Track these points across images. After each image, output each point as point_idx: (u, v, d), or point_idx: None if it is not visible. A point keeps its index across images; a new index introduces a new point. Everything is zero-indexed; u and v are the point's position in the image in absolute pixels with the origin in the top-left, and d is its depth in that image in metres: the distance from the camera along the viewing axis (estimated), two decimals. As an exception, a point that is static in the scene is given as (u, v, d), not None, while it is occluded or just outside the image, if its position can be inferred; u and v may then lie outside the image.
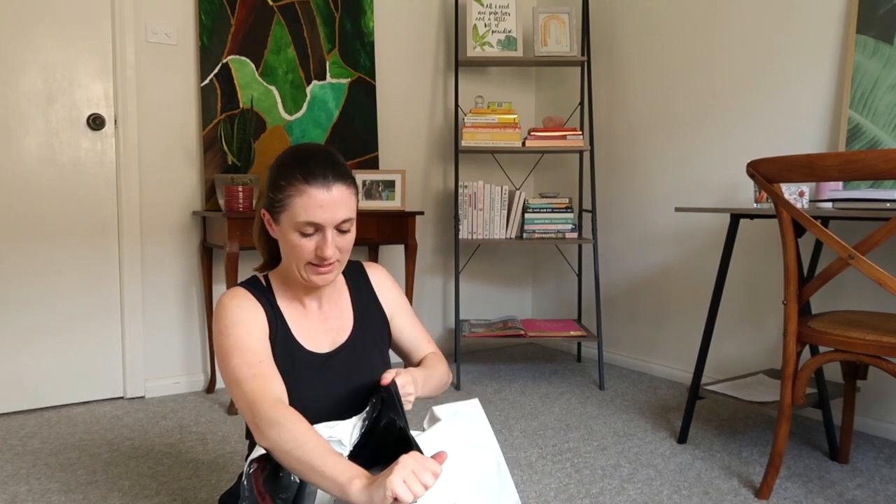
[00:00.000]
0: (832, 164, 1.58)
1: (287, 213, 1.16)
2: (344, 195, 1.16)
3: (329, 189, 1.14)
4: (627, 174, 3.25)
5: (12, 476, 1.96)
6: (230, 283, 2.50)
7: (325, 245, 1.16)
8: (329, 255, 1.16)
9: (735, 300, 2.79)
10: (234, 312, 1.19)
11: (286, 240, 1.18)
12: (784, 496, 1.85)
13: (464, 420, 1.18)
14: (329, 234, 1.16)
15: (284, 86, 2.96)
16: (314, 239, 1.16)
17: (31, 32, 2.50)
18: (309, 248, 1.17)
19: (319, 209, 1.14)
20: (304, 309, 1.28)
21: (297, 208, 1.14)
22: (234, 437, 2.29)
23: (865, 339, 1.65)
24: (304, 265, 1.19)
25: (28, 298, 2.55)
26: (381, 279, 1.44)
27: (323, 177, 1.15)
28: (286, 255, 1.21)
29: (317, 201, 1.14)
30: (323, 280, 1.20)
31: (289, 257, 1.20)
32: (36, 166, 2.54)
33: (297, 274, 1.20)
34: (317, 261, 1.18)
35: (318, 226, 1.15)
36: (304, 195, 1.14)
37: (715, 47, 2.83)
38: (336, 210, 1.15)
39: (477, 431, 1.17)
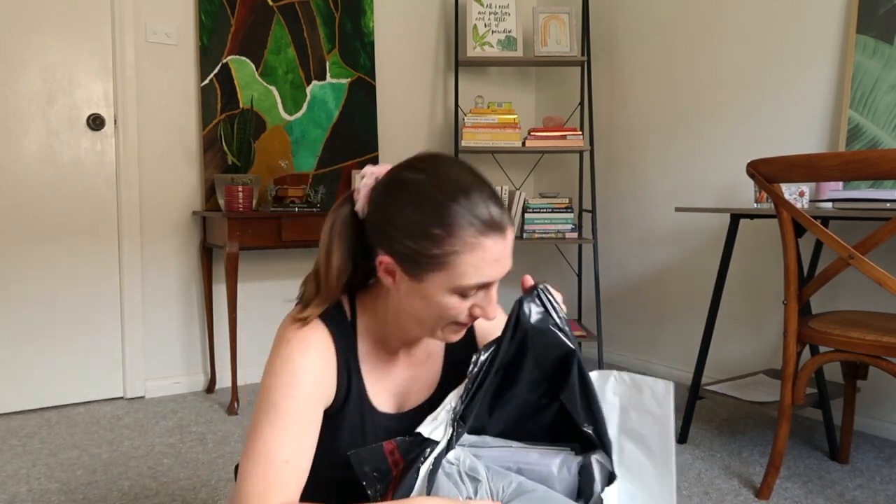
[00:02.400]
0: (832, 164, 1.58)
1: (443, 274, 0.85)
2: (512, 238, 0.89)
3: (505, 237, 0.86)
4: (627, 174, 3.25)
5: (12, 476, 1.96)
6: (230, 283, 2.50)
7: (488, 303, 0.89)
8: (492, 315, 0.90)
9: (735, 300, 2.79)
10: (295, 376, 0.90)
11: (430, 302, 0.88)
12: (784, 496, 1.85)
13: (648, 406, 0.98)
14: (494, 291, 0.89)
15: (284, 86, 2.96)
16: (473, 299, 0.88)
17: (31, 32, 2.50)
18: (463, 309, 0.88)
19: (495, 265, 0.85)
20: (389, 359, 1.01)
21: (464, 267, 0.84)
22: (234, 437, 2.29)
23: (865, 339, 1.65)
24: (444, 325, 0.91)
25: (28, 298, 2.55)
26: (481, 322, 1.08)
27: (500, 220, 0.85)
28: (415, 315, 0.91)
29: (493, 255, 0.85)
30: (458, 337, 0.94)
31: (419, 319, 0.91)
32: (36, 166, 2.54)
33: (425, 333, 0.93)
34: (468, 320, 0.91)
35: (488, 284, 0.87)
36: (477, 251, 0.84)
37: (715, 47, 2.83)
38: (509, 259, 0.88)
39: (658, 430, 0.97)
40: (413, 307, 0.90)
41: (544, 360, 0.92)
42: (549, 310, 0.91)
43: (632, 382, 1.00)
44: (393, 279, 0.90)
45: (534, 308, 0.91)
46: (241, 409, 2.61)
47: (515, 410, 0.96)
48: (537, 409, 0.96)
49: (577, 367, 0.91)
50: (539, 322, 0.90)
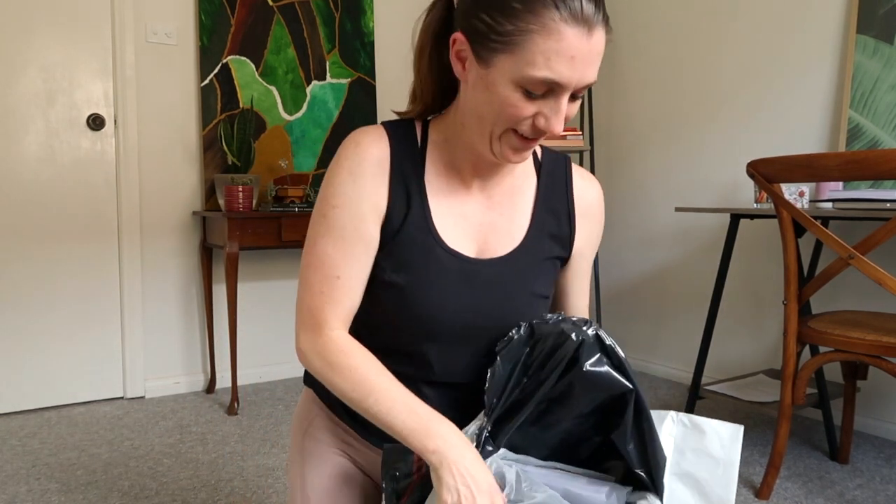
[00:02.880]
0: (832, 164, 1.58)
1: (513, 56, 0.75)
2: (602, 46, 0.77)
3: (591, 36, 0.75)
4: (627, 174, 3.25)
5: (12, 476, 1.96)
6: (230, 283, 2.50)
7: (555, 114, 0.78)
8: (557, 129, 0.79)
9: (735, 300, 2.79)
10: (346, 183, 0.85)
11: (493, 94, 0.78)
12: (784, 496, 1.85)
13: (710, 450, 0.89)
14: (565, 100, 0.78)
15: (284, 86, 2.96)
16: (538, 103, 0.78)
17: (31, 32, 2.50)
18: (526, 113, 0.78)
19: (570, 63, 0.75)
20: (463, 188, 0.90)
21: (534, 53, 0.74)
22: (234, 437, 2.29)
23: (865, 339, 1.65)
24: (503, 132, 0.81)
25: (28, 298, 2.55)
26: (590, 190, 0.98)
27: (591, 15, 0.74)
28: (477, 111, 0.82)
29: (571, 50, 0.74)
30: (520, 158, 0.84)
31: (480, 116, 0.81)
32: (36, 166, 2.54)
33: (484, 141, 0.83)
34: (530, 133, 0.80)
35: (558, 86, 0.76)
36: (553, 36, 0.73)
37: (715, 48, 2.83)
38: (589, 66, 0.76)
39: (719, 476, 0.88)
40: (476, 101, 0.81)
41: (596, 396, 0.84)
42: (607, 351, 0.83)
43: (691, 424, 0.92)
44: (463, 66, 0.82)
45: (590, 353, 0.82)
46: (241, 409, 2.61)
47: (558, 436, 0.88)
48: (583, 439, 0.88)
49: (633, 407, 0.83)
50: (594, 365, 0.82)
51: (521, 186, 0.93)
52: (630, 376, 0.82)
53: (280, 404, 2.66)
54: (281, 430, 2.36)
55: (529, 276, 0.91)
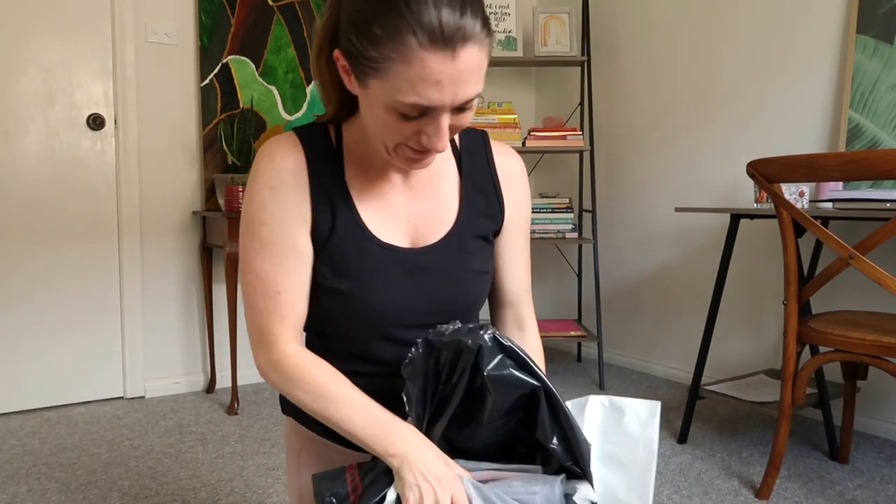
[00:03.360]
0: (832, 164, 1.58)
1: (381, 83, 0.73)
2: (475, 61, 0.73)
3: (456, 57, 0.71)
4: (627, 174, 3.25)
5: (12, 476, 1.96)
6: (230, 283, 2.50)
7: (436, 133, 0.76)
8: (440, 148, 0.77)
9: (735, 300, 2.79)
10: (267, 199, 0.84)
11: (374, 114, 0.77)
12: (784, 496, 1.85)
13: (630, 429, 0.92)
14: (444, 120, 0.75)
15: (284, 86, 2.96)
16: (417, 122, 0.76)
17: (31, 32, 2.50)
18: (407, 133, 0.77)
19: (437, 87, 0.71)
20: (385, 182, 0.89)
21: (398, 81, 0.72)
22: (234, 437, 2.29)
23: (865, 339, 1.65)
24: (395, 145, 0.79)
25: (28, 298, 2.55)
26: (511, 160, 0.97)
27: (452, 35, 0.70)
28: (367, 124, 0.81)
29: (435, 76, 0.71)
30: (421, 166, 0.82)
31: (371, 130, 0.80)
32: (36, 166, 2.54)
33: (382, 151, 0.82)
34: (416, 147, 0.79)
35: (430, 109, 0.74)
36: (415, 65, 0.70)
37: (715, 47, 2.83)
38: (461, 86, 0.73)
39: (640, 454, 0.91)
40: (365, 116, 0.80)
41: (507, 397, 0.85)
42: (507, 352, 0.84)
43: (611, 406, 0.94)
44: (349, 79, 0.79)
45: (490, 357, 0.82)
46: (241, 409, 2.61)
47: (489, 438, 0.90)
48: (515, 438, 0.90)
49: (545, 403, 0.84)
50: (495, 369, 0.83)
51: (441, 171, 0.92)
52: (535, 373, 0.83)
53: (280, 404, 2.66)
54: (281, 430, 2.36)
55: (466, 255, 0.91)
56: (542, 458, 0.90)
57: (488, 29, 0.74)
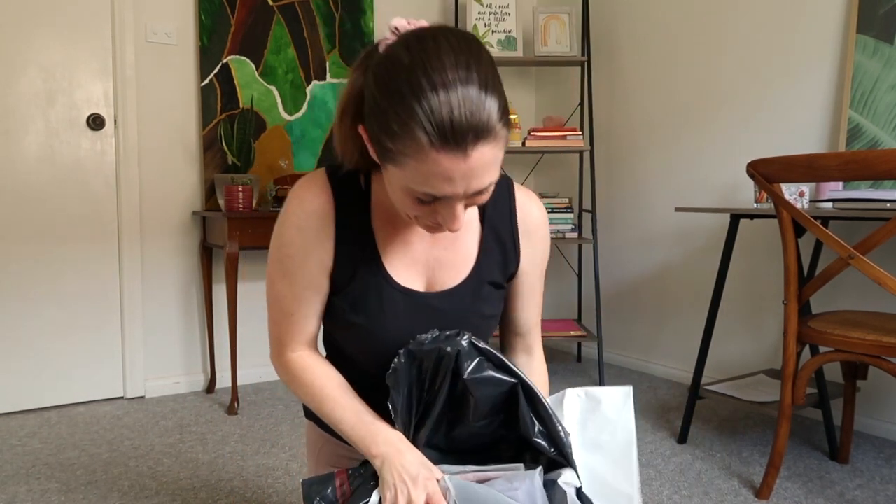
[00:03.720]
0: (832, 164, 1.58)
1: (398, 171, 0.78)
2: (489, 157, 0.76)
3: (468, 156, 0.74)
4: (627, 174, 3.25)
5: (12, 476, 1.96)
6: (230, 283, 2.50)
7: (450, 218, 0.80)
8: (454, 229, 0.81)
9: (735, 300, 2.79)
10: (294, 237, 0.91)
11: (392, 191, 0.83)
12: (784, 496, 1.85)
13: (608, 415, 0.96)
14: (458, 207, 0.80)
15: (284, 86, 2.96)
16: (433, 205, 0.81)
17: (31, 32, 2.50)
18: (422, 213, 0.82)
19: (449, 182, 0.76)
20: (408, 230, 0.95)
21: (413, 173, 0.76)
22: (234, 437, 2.29)
23: (865, 339, 1.65)
24: (414, 217, 0.84)
25: (28, 298, 2.55)
26: (532, 211, 1.01)
27: (462, 136, 0.73)
28: (390, 195, 0.85)
29: (446, 173, 0.75)
30: (434, 232, 0.87)
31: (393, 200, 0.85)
32: (36, 166, 2.54)
33: (405, 217, 0.86)
34: (432, 224, 0.84)
35: (444, 198, 0.79)
36: (428, 162, 0.74)
37: (715, 47, 2.83)
38: (472, 179, 0.76)
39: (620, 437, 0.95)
40: (386, 186, 0.85)
41: (489, 397, 0.89)
42: (485, 354, 0.89)
43: (587, 396, 0.99)
44: (372, 150, 0.83)
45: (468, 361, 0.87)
46: (241, 409, 2.61)
47: (474, 440, 0.95)
48: (500, 439, 0.95)
49: (524, 397, 0.88)
50: (474, 371, 0.87)
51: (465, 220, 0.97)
52: (512, 371, 0.89)
53: (280, 404, 2.66)
54: (281, 430, 2.36)
55: (479, 301, 0.98)
56: (530, 457, 0.93)
57: (506, 119, 0.77)
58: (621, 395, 0.97)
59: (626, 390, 0.97)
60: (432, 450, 0.94)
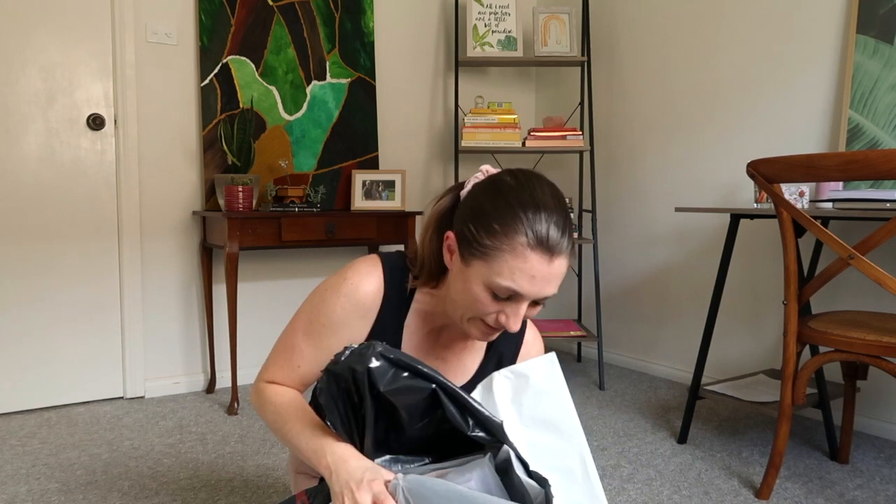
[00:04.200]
0: (832, 164, 1.58)
1: (486, 264, 0.92)
2: (563, 270, 0.94)
3: (552, 262, 0.91)
4: (627, 174, 3.25)
5: (12, 476, 1.96)
6: (230, 283, 2.50)
7: (514, 316, 0.95)
8: (513, 328, 0.95)
9: (735, 300, 2.79)
10: (337, 312, 1.03)
11: (467, 288, 0.95)
12: (784, 496, 1.85)
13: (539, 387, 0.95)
14: (524, 307, 0.95)
15: (284, 86, 2.96)
16: (502, 303, 0.95)
17: (31, 32, 2.50)
18: (490, 310, 0.95)
19: (531, 280, 0.91)
20: (429, 337, 1.11)
21: (502, 267, 0.91)
22: (234, 437, 2.29)
23: (865, 339, 1.65)
24: (471, 317, 0.98)
25: (28, 298, 2.55)
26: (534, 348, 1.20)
27: (553, 246, 0.91)
28: (455, 295, 0.99)
29: (532, 271, 0.91)
30: (485, 339, 1.00)
31: (456, 300, 0.99)
32: (36, 166, 2.54)
33: (457, 318, 1.00)
34: (494, 324, 0.97)
35: (519, 295, 0.93)
36: (519, 258, 0.90)
37: (715, 47, 2.83)
38: (548, 284, 0.93)
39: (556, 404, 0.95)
40: (456, 288, 0.98)
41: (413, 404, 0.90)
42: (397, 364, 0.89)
43: (514, 374, 0.99)
44: (451, 257, 0.99)
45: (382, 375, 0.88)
46: (241, 409, 2.61)
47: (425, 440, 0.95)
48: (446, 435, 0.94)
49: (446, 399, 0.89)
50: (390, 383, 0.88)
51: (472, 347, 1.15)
52: (428, 375, 0.89)
53: (280, 404, 2.66)
54: (281, 430, 2.35)
55: None
56: None
57: (573, 246, 0.96)
58: (547, 364, 0.97)
59: (550, 357, 0.97)
60: (393, 453, 0.95)
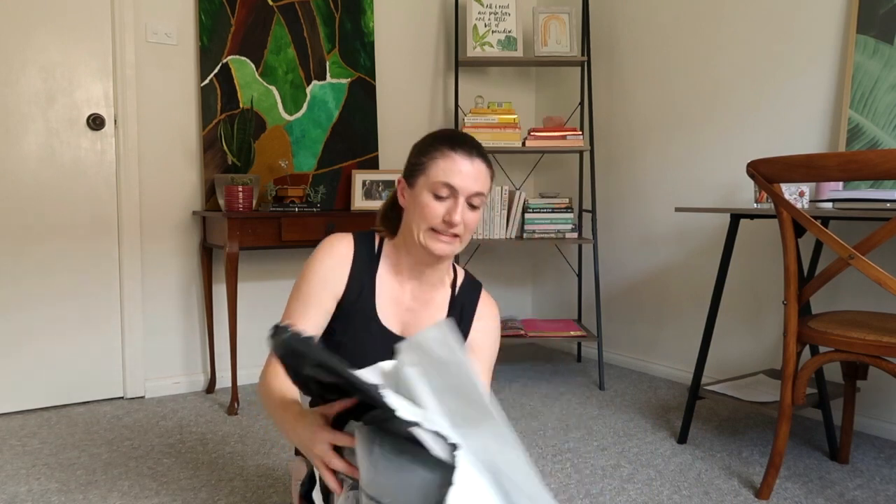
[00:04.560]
0: (832, 164, 1.58)
1: (425, 175, 1.21)
2: (483, 172, 1.22)
3: (472, 160, 1.21)
4: (627, 174, 3.25)
5: (12, 476, 1.96)
6: (230, 283, 2.50)
7: (454, 210, 1.19)
8: (456, 222, 1.19)
9: (735, 300, 2.79)
10: (319, 267, 1.25)
11: (417, 202, 1.22)
12: (784, 496, 1.85)
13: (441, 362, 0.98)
14: (461, 202, 1.20)
15: (284, 86, 2.96)
16: (445, 204, 1.20)
17: (31, 32, 2.50)
18: (438, 212, 1.20)
19: (459, 174, 1.19)
20: (400, 287, 1.30)
21: (438, 169, 1.20)
22: (234, 437, 2.29)
23: (865, 339, 1.65)
24: (426, 229, 1.21)
25: (28, 298, 2.55)
26: (488, 313, 1.38)
27: (469, 148, 1.21)
28: (411, 219, 1.23)
29: (458, 166, 1.19)
30: (440, 250, 1.21)
31: (412, 222, 1.23)
32: (36, 166, 2.54)
33: (416, 239, 1.22)
34: (441, 227, 1.20)
35: (454, 190, 1.19)
36: (448, 159, 1.20)
37: (715, 47, 2.83)
38: (473, 181, 1.20)
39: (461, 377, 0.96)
40: (409, 212, 1.24)
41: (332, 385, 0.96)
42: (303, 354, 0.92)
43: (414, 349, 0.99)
44: (402, 194, 1.27)
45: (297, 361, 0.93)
46: (241, 409, 2.61)
47: None
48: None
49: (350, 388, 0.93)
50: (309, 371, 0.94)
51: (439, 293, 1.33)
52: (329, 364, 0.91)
53: (280, 404, 2.66)
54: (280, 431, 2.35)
55: None
56: None
57: (492, 171, 1.27)
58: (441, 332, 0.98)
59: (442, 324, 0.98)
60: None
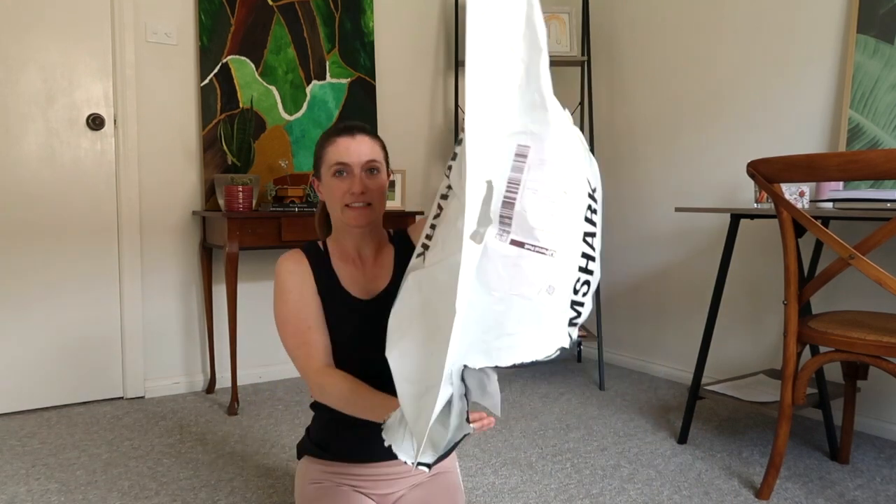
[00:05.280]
0: (833, 164, 1.58)
1: (325, 164, 1.36)
2: (367, 142, 1.37)
3: (353, 137, 1.36)
4: (627, 174, 3.25)
5: (12, 476, 1.96)
6: (230, 283, 2.50)
7: (355, 181, 1.33)
8: (358, 190, 1.33)
9: (735, 300, 2.79)
10: (288, 279, 1.37)
11: (327, 188, 1.37)
12: (784, 496, 1.85)
13: None
14: (357, 172, 1.34)
15: (284, 86, 2.96)
16: (346, 180, 1.34)
17: (31, 32, 2.50)
18: (343, 188, 1.34)
19: (346, 151, 1.34)
20: (354, 265, 1.44)
21: (330, 155, 1.36)
22: (234, 437, 2.29)
23: (866, 339, 1.65)
24: (342, 207, 1.35)
25: (28, 298, 2.55)
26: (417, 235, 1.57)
27: (349, 129, 1.37)
28: (330, 205, 1.38)
29: (344, 145, 1.35)
30: (357, 219, 1.35)
31: (332, 208, 1.37)
32: (36, 166, 2.54)
33: (340, 218, 1.37)
34: (351, 199, 1.34)
35: (347, 165, 1.33)
36: (334, 144, 1.35)
37: (715, 47, 2.83)
38: (360, 152, 1.34)
39: None
40: (325, 198, 1.39)
41: None
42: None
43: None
44: (320, 193, 1.41)
45: None
46: (241, 409, 2.61)
47: None
48: None
49: None
50: None
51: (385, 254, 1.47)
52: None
53: (280, 404, 2.66)
54: (281, 430, 2.36)
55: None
56: None
57: (379, 140, 1.41)
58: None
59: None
60: None
